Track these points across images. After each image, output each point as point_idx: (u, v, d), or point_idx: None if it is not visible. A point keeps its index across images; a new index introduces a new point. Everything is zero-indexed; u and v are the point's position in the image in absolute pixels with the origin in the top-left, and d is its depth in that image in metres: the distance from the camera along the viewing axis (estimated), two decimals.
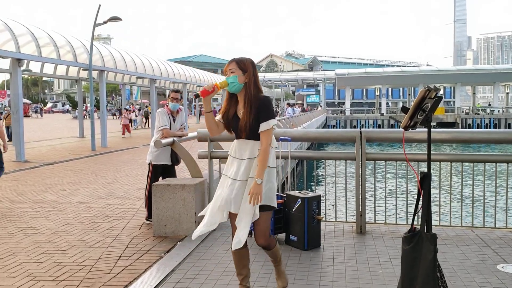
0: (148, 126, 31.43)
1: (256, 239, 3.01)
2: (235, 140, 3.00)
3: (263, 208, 2.88)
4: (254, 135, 2.87)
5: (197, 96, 2.80)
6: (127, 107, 28.71)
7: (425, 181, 2.70)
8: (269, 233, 3.01)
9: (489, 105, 71.29)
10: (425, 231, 2.68)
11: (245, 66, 2.91)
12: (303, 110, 40.65)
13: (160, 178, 5.55)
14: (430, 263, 2.55)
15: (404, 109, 2.81)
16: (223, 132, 3.09)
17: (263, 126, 2.82)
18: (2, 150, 6.83)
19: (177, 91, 5.63)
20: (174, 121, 5.60)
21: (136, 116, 34.73)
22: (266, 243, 3.01)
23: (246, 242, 2.92)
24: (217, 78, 41.74)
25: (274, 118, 2.89)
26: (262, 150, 2.81)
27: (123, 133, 22.84)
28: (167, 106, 5.62)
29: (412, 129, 2.85)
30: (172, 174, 5.64)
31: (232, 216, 2.94)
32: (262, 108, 2.84)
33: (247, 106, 2.86)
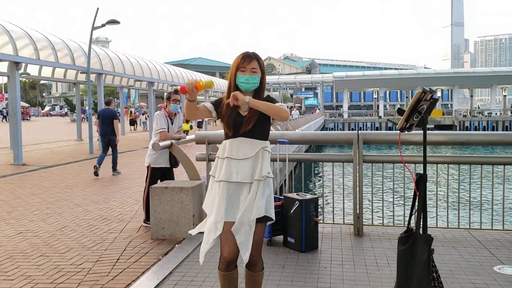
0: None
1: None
2: (230, 140, 2.73)
3: (260, 219, 2.66)
4: (257, 133, 2.71)
5: (176, 91, 2.59)
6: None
7: (420, 182, 2.72)
8: (261, 249, 2.74)
9: (478, 107, 71.62)
10: (421, 232, 2.70)
11: (263, 65, 2.77)
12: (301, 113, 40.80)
13: (159, 181, 5.56)
14: (425, 264, 2.56)
15: (400, 111, 2.83)
16: (203, 117, 2.83)
17: (278, 104, 2.70)
18: None
19: (177, 92, 5.65)
20: (172, 124, 5.63)
21: (146, 118, 34.98)
22: (257, 258, 2.72)
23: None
24: (216, 80, 41.73)
25: None
26: (278, 106, 2.66)
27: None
28: (164, 108, 5.65)
29: (408, 131, 2.86)
30: (170, 176, 5.65)
31: (228, 225, 2.66)
32: (273, 101, 2.74)
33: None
